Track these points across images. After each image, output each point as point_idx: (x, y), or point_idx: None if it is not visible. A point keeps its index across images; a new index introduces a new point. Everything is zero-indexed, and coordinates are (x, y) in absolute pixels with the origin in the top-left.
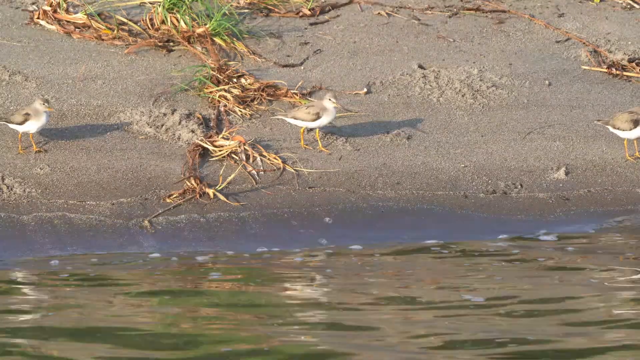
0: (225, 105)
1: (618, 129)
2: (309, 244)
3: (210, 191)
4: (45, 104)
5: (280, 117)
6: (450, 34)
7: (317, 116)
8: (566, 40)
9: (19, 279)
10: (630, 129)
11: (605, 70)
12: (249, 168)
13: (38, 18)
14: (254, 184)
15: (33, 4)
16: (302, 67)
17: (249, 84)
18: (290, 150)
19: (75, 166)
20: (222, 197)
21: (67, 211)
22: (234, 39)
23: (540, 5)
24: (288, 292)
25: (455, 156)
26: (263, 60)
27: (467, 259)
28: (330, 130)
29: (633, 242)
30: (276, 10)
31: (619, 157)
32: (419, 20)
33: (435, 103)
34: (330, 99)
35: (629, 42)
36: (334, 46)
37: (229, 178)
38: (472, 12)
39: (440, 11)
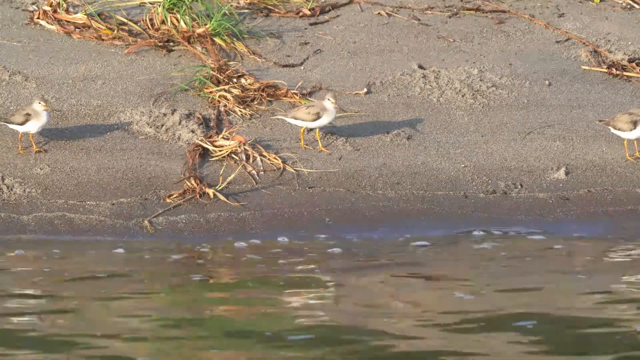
0: (225, 105)
1: (619, 129)
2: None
3: (210, 191)
4: (43, 103)
5: (280, 117)
6: (450, 34)
7: (317, 116)
8: (566, 40)
9: None
10: (631, 130)
11: (605, 71)
12: (249, 168)
13: (38, 18)
14: (254, 184)
15: (33, 4)
16: (302, 67)
17: (249, 84)
18: (290, 150)
19: (75, 166)
20: (222, 197)
21: (67, 211)
22: (234, 39)
23: (540, 5)
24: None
25: (455, 156)
26: (263, 60)
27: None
28: (330, 130)
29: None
30: (276, 10)
31: (619, 157)
32: (419, 20)
33: (435, 103)
34: (329, 99)
35: (629, 42)
36: (334, 46)
37: (229, 178)
38: (472, 12)
39: (440, 11)
